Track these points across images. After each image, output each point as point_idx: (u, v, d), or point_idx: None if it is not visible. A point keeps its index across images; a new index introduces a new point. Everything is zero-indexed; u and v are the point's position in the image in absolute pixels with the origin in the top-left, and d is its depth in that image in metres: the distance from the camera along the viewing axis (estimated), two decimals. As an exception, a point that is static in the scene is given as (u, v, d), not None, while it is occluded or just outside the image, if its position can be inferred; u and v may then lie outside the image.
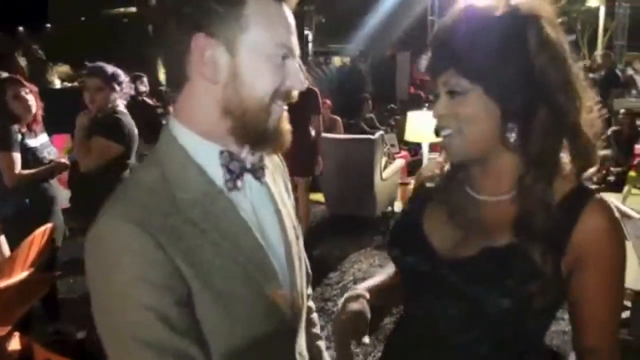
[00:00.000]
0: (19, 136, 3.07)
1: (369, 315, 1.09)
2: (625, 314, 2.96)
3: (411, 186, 4.33)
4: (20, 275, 2.43)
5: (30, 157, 3.12)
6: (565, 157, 0.97)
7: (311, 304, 1.23)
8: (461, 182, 1.06)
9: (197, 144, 0.88)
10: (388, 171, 5.55)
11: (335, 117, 7.30)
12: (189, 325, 0.80)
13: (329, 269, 4.40)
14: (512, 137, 0.93)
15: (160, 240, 0.79)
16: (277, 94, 0.87)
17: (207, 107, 0.87)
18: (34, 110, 3.20)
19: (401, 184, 5.48)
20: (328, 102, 7.33)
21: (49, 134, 3.45)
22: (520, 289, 0.90)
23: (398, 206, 5.72)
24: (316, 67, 10.46)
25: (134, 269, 0.78)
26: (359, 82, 9.25)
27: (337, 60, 12.63)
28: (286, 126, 0.92)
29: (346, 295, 1.14)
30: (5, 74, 4.15)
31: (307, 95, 4.50)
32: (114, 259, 0.79)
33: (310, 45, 13.85)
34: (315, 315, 1.24)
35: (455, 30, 0.92)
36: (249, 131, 0.87)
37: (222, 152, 0.88)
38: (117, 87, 2.98)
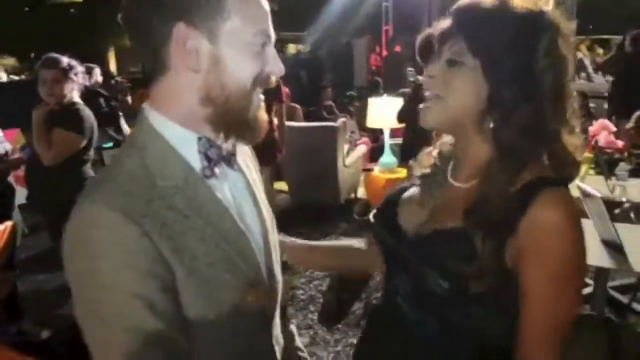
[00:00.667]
0: None
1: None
2: (588, 290, 3.09)
3: (374, 172, 4.38)
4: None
5: None
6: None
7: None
8: (444, 171, 1.08)
9: (176, 131, 0.88)
10: (351, 158, 5.58)
11: (295, 105, 7.27)
12: (174, 312, 0.80)
13: (295, 257, 4.39)
14: (489, 123, 0.94)
15: (145, 227, 0.79)
16: (257, 81, 0.88)
17: (187, 96, 0.86)
18: None
19: (364, 169, 5.52)
20: (286, 90, 7.28)
21: (-3, 129, 3.34)
22: (457, 271, 0.91)
23: (361, 192, 5.77)
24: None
25: (120, 257, 0.77)
26: (317, 70, 9.24)
27: (292, 48, 12.55)
28: (264, 116, 0.93)
29: None
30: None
31: None
32: (99, 247, 0.77)
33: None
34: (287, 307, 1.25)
35: (482, 5, 0.93)
36: (230, 120, 0.88)
37: (200, 139, 0.89)
38: (74, 78, 2.91)
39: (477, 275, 0.89)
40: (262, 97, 0.92)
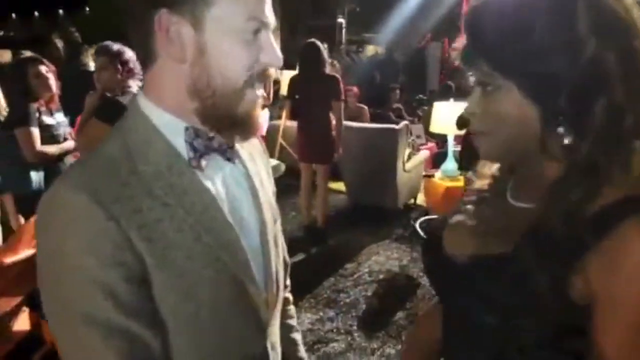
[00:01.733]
0: (37, 114, 3.11)
1: None
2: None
3: (434, 179, 4.21)
4: (28, 251, 2.44)
5: (47, 134, 3.15)
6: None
7: (288, 295, 1.17)
8: (504, 189, 0.92)
9: (164, 118, 0.83)
10: (411, 163, 5.43)
11: (362, 105, 7.19)
12: (140, 305, 0.75)
13: (344, 260, 4.34)
14: (559, 143, 0.76)
15: (114, 212, 0.74)
16: (252, 74, 0.81)
17: (174, 87, 0.82)
18: (53, 89, 3.23)
19: (425, 176, 5.34)
20: (355, 90, 7.23)
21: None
22: (504, 303, 0.78)
23: (421, 199, 5.60)
24: (346, 55, 10.35)
25: (82, 240, 0.74)
26: (390, 72, 9.11)
27: (370, 49, 12.48)
28: (257, 113, 0.86)
29: None
30: (28, 53, 4.21)
31: (327, 81, 4.43)
32: (61, 228, 0.75)
33: (343, 32, 13.72)
34: (292, 308, 1.19)
35: (486, 11, 0.78)
36: (217, 114, 0.82)
37: (187, 129, 0.83)
38: (121, 67, 2.89)
39: (528, 309, 0.75)
40: (260, 92, 0.85)
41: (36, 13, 19.04)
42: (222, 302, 0.83)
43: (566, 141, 0.75)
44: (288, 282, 1.18)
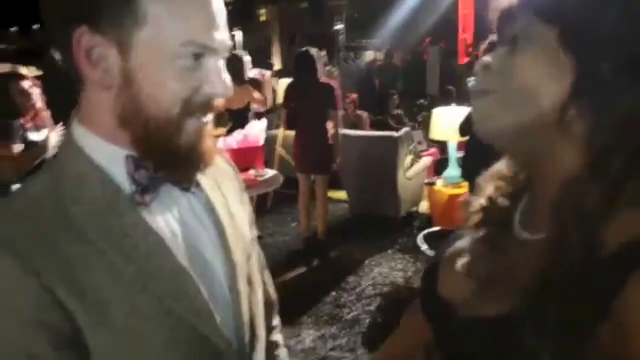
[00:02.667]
0: (21, 130, 3.04)
1: None
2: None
3: (436, 186, 4.07)
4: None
5: (34, 150, 3.07)
6: None
7: (277, 337, 1.04)
8: (510, 216, 0.74)
9: (100, 147, 0.71)
10: (413, 170, 5.31)
11: (361, 112, 7.09)
12: None
13: (346, 272, 4.20)
14: (583, 119, 0.60)
15: (37, 266, 0.63)
16: (191, 104, 0.69)
17: (104, 114, 0.70)
18: (38, 104, 3.16)
19: (426, 183, 5.22)
20: (353, 97, 7.13)
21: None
22: None
23: (423, 207, 5.48)
24: (344, 62, 10.28)
25: (0, 301, 0.63)
26: (389, 77, 9.03)
27: (369, 55, 12.43)
28: (207, 144, 0.73)
29: None
30: (22, 69, 4.13)
31: (322, 90, 4.33)
32: None
33: (341, 39, 13.68)
34: (283, 352, 1.04)
35: None
36: (154, 146, 0.70)
37: (127, 157, 0.71)
38: None
39: None
40: (204, 121, 0.73)
41: (35, 26, 19.07)
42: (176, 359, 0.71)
43: (585, 120, 0.60)
44: (276, 322, 1.05)
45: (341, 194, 5.72)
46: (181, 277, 0.72)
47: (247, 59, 5.17)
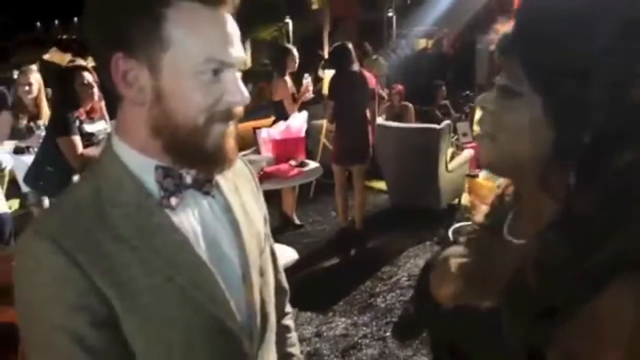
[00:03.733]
0: (77, 122, 3.24)
1: None
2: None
3: (478, 179, 4.07)
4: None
5: (87, 142, 3.27)
6: None
7: (289, 322, 1.16)
8: (502, 220, 0.83)
9: (135, 158, 0.83)
10: (455, 162, 5.30)
11: (407, 103, 7.07)
12: (109, 348, 0.76)
13: (382, 263, 4.28)
14: (562, 182, 0.66)
15: (78, 258, 0.75)
16: (214, 114, 0.80)
17: (138, 127, 0.82)
18: (96, 97, 3.35)
19: (468, 175, 5.20)
20: (399, 88, 7.12)
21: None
22: None
23: (465, 199, 5.46)
24: (392, 52, 10.19)
25: (46, 288, 0.75)
26: (438, 67, 8.90)
27: (421, 43, 12.25)
28: (231, 145, 0.84)
29: None
30: (79, 61, 4.36)
31: (358, 81, 4.42)
32: (27, 277, 0.77)
33: (393, 27, 13.56)
34: (293, 335, 1.17)
35: (548, 5, 0.66)
36: (184, 150, 0.81)
37: (157, 168, 0.83)
38: None
39: None
40: (227, 125, 0.83)
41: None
42: (198, 342, 0.83)
43: (571, 182, 0.65)
44: (288, 308, 1.16)
45: (382, 184, 5.78)
46: (201, 270, 0.84)
47: (294, 52, 5.20)
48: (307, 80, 5.38)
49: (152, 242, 0.80)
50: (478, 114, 4.62)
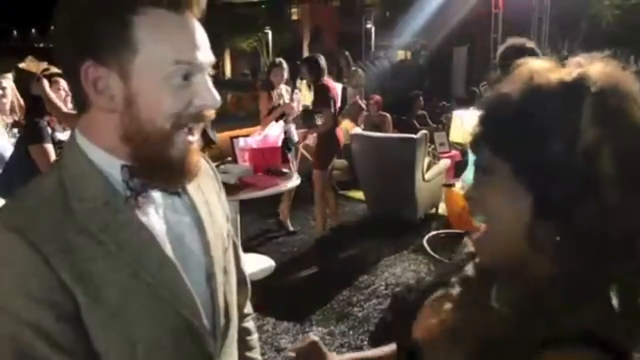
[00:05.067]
0: (49, 130, 3.19)
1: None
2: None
3: (454, 188, 4.13)
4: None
5: (59, 150, 3.22)
6: None
7: (250, 325, 1.16)
8: (489, 285, 0.84)
9: (101, 155, 0.83)
10: (431, 172, 5.35)
11: (384, 113, 7.13)
12: (75, 343, 0.76)
13: (360, 272, 4.28)
14: (549, 238, 0.70)
15: (44, 251, 0.75)
16: (182, 117, 0.80)
17: (107, 132, 0.82)
18: (69, 104, 3.31)
19: (445, 185, 5.26)
20: (376, 98, 7.18)
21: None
22: None
23: (442, 208, 5.51)
24: (370, 63, 10.30)
25: (12, 280, 0.75)
26: (414, 78, 9.01)
27: (399, 55, 12.40)
28: (195, 158, 0.84)
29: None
30: (53, 69, 4.31)
31: (319, 90, 4.74)
32: None
33: (372, 39, 13.70)
34: (254, 337, 1.16)
35: (498, 100, 0.75)
36: (149, 158, 0.81)
37: (123, 167, 0.83)
38: None
39: None
40: (191, 138, 0.83)
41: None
42: (163, 340, 0.82)
43: (557, 238, 0.69)
44: (248, 309, 1.16)
45: (360, 194, 5.80)
46: (167, 268, 0.83)
47: (283, 66, 5.21)
48: (297, 95, 5.39)
49: (118, 238, 0.80)
50: (457, 123, 4.69)
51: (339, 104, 5.04)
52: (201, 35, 0.81)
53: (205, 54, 0.81)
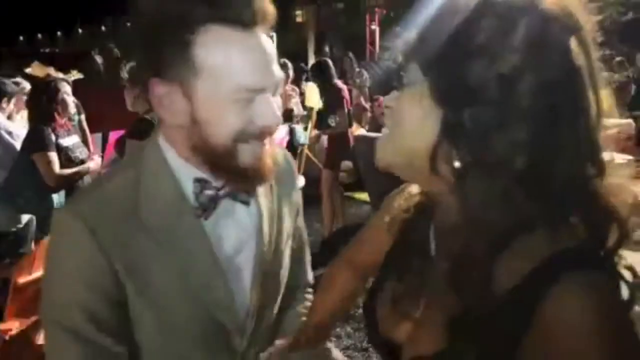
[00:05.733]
0: (53, 136, 3.19)
1: None
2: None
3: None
4: (40, 272, 2.51)
5: (63, 156, 3.23)
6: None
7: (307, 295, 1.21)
8: (426, 239, 0.81)
9: (178, 162, 0.88)
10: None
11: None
12: (118, 324, 0.83)
13: (366, 273, 4.28)
14: (449, 163, 0.67)
15: (104, 242, 0.81)
16: (244, 135, 0.82)
17: (179, 144, 0.86)
18: (72, 110, 3.33)
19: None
20: (382, 99, 7.16)
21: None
22: None
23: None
24: (375, 64, 10.30)
25: (70, 264, 0.82)
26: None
27: (405, 56, 12.37)
28: (266, 163, 0.87)
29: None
30: (59, 75, 4.35)
31: (332, 92, 4.73)
32: (55, 250, 0.85)
33: (377, 39, 13.71)
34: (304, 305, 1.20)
35: (437, 14, 0.72)
36: (220, 168, 0.85)
37: (195, 180, 0.87)
38: None
39: None
40: (259, 146, 0.85)
41: (80, 30, 19.80)
42: (193, 330, 0.89)
43: (456, 164, 0.66)
44: (310, 278, 1.21)
45: (364, 196, 5.80)
46: (216, 275, 0.89)
47: (289, 66, 5.34)
48: (295, 98, 5.48)
49: (176, 241, 0.85)
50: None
51: (350, 106, 5.12)
52: (268, 53, 0.82)
53: (270, 76, 0.82)
